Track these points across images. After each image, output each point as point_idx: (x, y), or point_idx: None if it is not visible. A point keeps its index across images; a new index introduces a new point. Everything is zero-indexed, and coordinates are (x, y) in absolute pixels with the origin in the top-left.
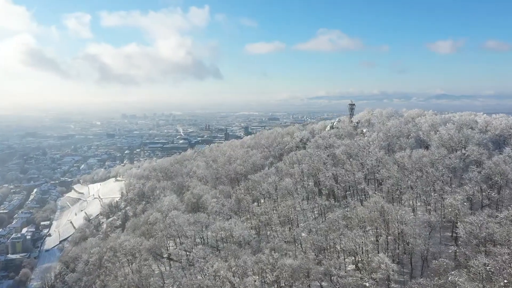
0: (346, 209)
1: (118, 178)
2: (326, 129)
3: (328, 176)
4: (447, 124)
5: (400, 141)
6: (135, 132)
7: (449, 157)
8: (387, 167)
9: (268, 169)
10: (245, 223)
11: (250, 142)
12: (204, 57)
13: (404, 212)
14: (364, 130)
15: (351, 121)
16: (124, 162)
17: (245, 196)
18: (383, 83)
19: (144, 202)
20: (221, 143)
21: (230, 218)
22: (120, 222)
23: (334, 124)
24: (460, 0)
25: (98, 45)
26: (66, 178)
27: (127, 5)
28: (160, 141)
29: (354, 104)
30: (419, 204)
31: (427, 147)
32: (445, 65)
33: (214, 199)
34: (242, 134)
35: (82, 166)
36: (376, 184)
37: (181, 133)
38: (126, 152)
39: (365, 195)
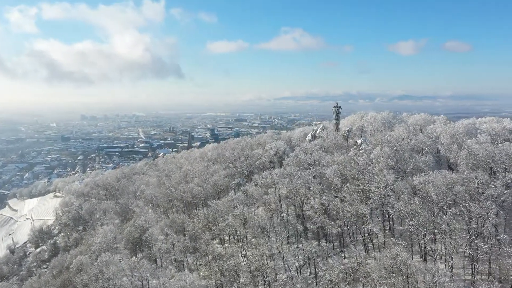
0: (343, 256)
1: (57, 194)
2: (307, 139)
3: (317, 208)
4: (479, 135)
5: (414, 159)
6: (93, 135)
7: (494, 185)
8: (402, 198)
9: (235, 193)
10: (203, 270)
11: (212, 153)
12: (163, 55)
13: (445, 277)
14: (359, 142)
15: (338, 128)
16: (76, 169)
17: (203, 233)
18: (346, 84)
19: (81, 228)
20: (185, 145)
21: (183, 264)
22: (49, 255)
23: (317, 132)
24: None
25: (46, 41)
26: (3, 191)
27: None
28: (119, 145)
29: (340, 106)
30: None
31: (450, 167)
32: (407, 66)
33: (162, 236)
34: (208, 136)
35: (26, 175)
36: (383, 218)
37: (142, 136)
38: (79, 158)
39: (370, 236)
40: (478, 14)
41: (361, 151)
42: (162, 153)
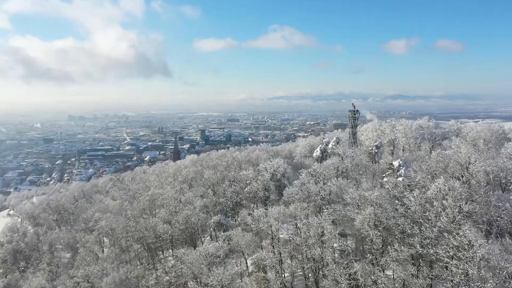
0: None
1: (10, 212)
2: (315, 155)
3: (344, 286)
4: None
5: (509, 203)
6: (78, 136)
7: None
8: (496, 273)
9: (216, 238)
10: None
11: (188, 172)
12: (148, 52)
13: None
14: (395, 164)
15: (356, 141)
16: (53, 175)
17: None
18: (339, 83)
19: (21, 265)
20: (173, 148)
21: None
22: None
23: (330, 146)
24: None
25: (23, 38)
26: None
27: None
28: (103, 147)
29: (357, 110)
30: None
31: None
32: (399, 65)
33: None
34: (199, 138)
35: None
36: None
37: (126, 137)
38: (57, 162)
39: None
40: (471, 13)
41: (399, 177)
42: (148, 157)
